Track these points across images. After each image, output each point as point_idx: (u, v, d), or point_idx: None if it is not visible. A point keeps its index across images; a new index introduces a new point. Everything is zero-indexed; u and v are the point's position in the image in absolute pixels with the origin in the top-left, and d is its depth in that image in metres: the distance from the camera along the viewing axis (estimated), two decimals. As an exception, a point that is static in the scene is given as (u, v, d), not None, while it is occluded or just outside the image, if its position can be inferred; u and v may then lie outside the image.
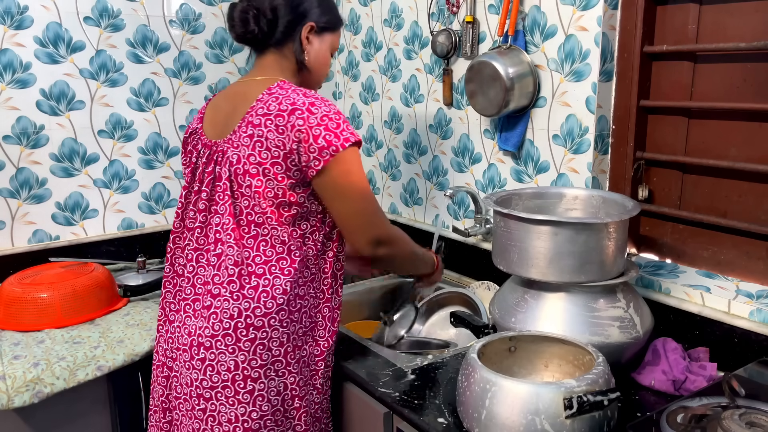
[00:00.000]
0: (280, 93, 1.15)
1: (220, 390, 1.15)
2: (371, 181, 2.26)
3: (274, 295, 1.15)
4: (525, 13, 1.59)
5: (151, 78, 1.94)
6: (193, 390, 1.17)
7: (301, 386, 1.20)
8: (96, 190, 1.90)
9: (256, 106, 1.15)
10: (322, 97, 1.16)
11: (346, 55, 2.29)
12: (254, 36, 1.22)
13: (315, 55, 1.27)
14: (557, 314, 1.19)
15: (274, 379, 1.17)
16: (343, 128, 1.12)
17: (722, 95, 1.34)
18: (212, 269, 1.18)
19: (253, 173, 1.14)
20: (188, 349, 1.17)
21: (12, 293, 1.53)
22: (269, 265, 1.16)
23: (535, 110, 1.61)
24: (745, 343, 1.23)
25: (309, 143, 1.10)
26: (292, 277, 1.17)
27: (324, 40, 1.28)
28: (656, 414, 0.99)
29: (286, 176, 1.13)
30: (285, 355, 1.17)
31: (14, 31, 1.71)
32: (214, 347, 1.14)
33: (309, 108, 1.12)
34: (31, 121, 1.77)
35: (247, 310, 1.14)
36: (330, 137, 1.11)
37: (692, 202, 1.43)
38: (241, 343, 1.14)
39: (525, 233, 1.19)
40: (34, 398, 1.27)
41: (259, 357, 1.15)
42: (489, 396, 0.98)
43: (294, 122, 1.11)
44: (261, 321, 1.15)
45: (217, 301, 1.16)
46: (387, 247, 1.21)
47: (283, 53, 1.25)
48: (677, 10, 1.38)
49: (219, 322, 1.14)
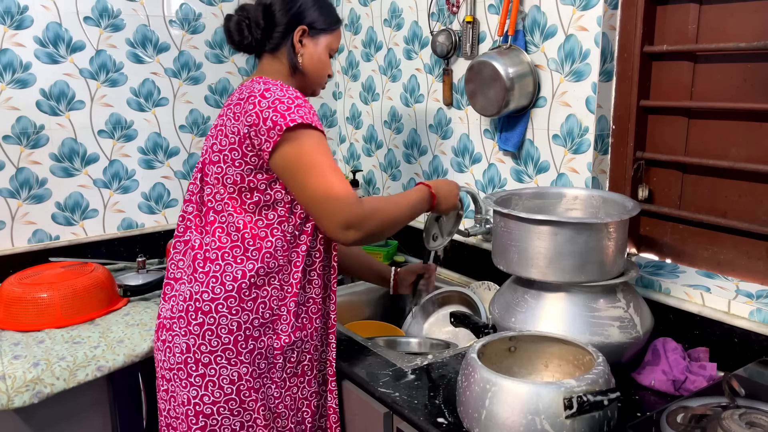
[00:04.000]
0: (246, 85, 1.19)
1: (176, 372, 1.20)
2: (371, 181, 2.26)
3: (224, 281, 1.17)
4: (525, 13, 1.59)
5: (151, 78, 1.94)
6: (158, 371, 1.26)
7: (255, 378, 1.20)
8: (96, 190, 1.90)
9: (227, 101, 1.23)
10: (285, 86, 1.18)
11: (346, 55, 2.29)
12: (250, 44, 1.26)
13: (309, 58, 1.28)
14: (557, 314, 1.19)
15: (226, 367, 1.18)
16: (293, 110, 1.12)
17: (722, 95, 1.34)
18: (179, 255, 1.26)
19: (214, 161, 1.19)
20: (156, 331, 1.26)
21: (12, 293, 1.53)
22: (222, 252, 1.19)
23: (535, 110, 1.61)
24: (745, 343, 1.23)
25: (258, 126, 1.13)
26: (245, 266, 1.18)
27: (319, 42, 1.29)
28: (656, 414, 0.99)
29: (243, 162, 1.16)
30: (235, 344, 1.18)
31: (14, 31, 1.71)
32: (171, 329, 1.21)
33: (263, 93, 1.14)
34: (31, 121, 1.77)
35: (197, 294, 1.18)
36: (276, 117, 1.12)
37: (692, 202, 1.43)
38: (191, 327, 1.18)
39: (525, 233, 1.19)
40: (34, 398, 1.27)
41: (208, 342, 1.18)
42: (489, 396, 0.98)
43: (247, 108, 1.14)
44: (208, 306, 1.17)
45: (178, 284, 1.24)
46: (359, 230, 1.14)
47: (278, 58, 1.27)
48: (677, 10, 1.38)
49: (176, 304, 1.21)
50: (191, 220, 1.25)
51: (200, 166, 1.26)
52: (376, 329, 1.69)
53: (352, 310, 1.81)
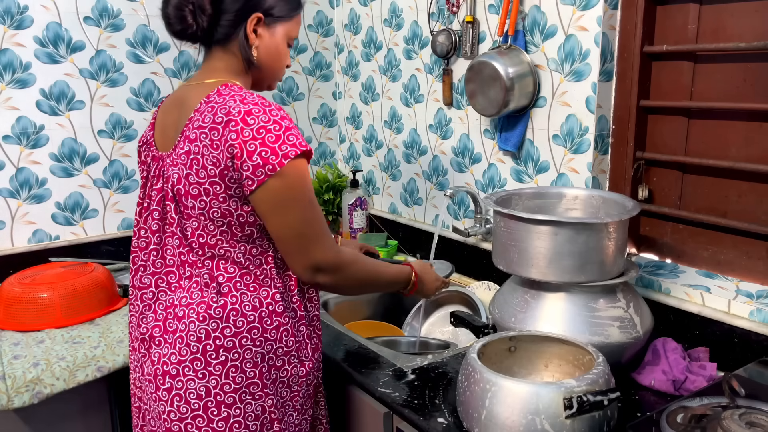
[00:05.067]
0: (217, 101, 1.02)
1: (190, 421, 1.05)
2: (371, 181, 2.26)
3: (244, 312, 1.06)
4: (525, 13, 1.59)
5: (151, 78, 1.94)
6: (162, 424, 1.07)
7: (279, 408, 1.11)
8: (96, 190, 1.90)
9: (193, 117, 1.04)
10: (265, 101, 1.03)
11: (346, 55, 2.29)
12: (194, 33, 1.09)
13: (266, 50, 1.12)
14: (557, 314, 1.19)
15: (251, 403, 1.07)
16: (283, 140, 0.99)
17: (722, 95, 1.34)
18: (175, 293, 1.09)
19: (194, 194, 1.03)
20: (153, 380, 1.08)
21: (12, 293, 1.53)
22: (234, 282, 1.07)
23: (535, 110, 1.61)
24: (745, 343, 1.23)
25: (242, 159, 0.98)
26: (259, 293, 1.08)
27: (276, 31, 1.13)
28: (656, 414, 0.99)
29: (227, 195, 1.02)
30: (260, 377, 1.08)
31: (14, 31, 1.71)
32: (182, 374, 1.05)
33: (244, 118, 0.99)
34: (31, 121, 1.77)
35: (216, 331, 1.05)
36: (266, 154, 0.98)
37: (692, 202, 1.43)
38: (211, 367, 1.05)
39: (525, 233, 1.19)
40: (33, 399, 1.27)
41: (233, 380, 1.05)
42: (489, 396, 0.98)
43: (227, 136, 0.99)
44: (231, 342, 1.05)
45: (182, 324, 1.06)
46: (330, 274, 1.08)
47: (230, 50, 1.11)
48: (677, 10, 1.38)
49: (186, 346, 1.05)
50: (176, 255, 1.09)
51: (171, 194, 1.07)
52: (376, 329, 1.69)
53: (352, 310, 1.81)
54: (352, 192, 2.17)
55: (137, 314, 1.14)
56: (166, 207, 1.09)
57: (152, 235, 1.11)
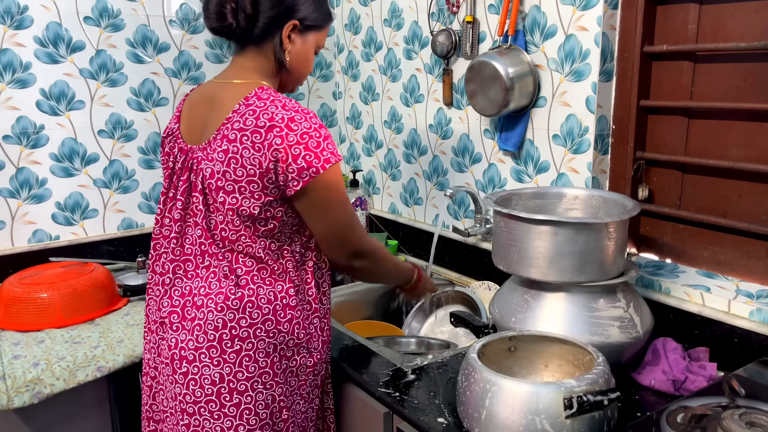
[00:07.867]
0: (258, 105, 1.08)
1: (204, 405, 1.11)
2: (371, 181, 2.26)
3: (260, 305, 1.12)
4: (525, 13, 1.59)
5: (151, 78, 1.94)
6: (177, 405, 1.13)
7: (288, 396, 1.17)
8: (96, 190, 1.90)
9: (232, 118, 1.09)
10: (303, 108, 1.09)
11: (346, 55, 2.29)
12: (231, 31, 1.13)
13: (297, 56, 1.18)
14: (557, 314, 1.19)
15: (262, 392, 1.13)
16: (323, 147, 1.07)
17: (722, 95, 1.34)
18: (192, 281, 1.14)
19: (228, 190, 1.09)
20: (170, 363, 1.13)
21: (12, 293, 1.53)
22: (251, 275, 1.13)
23: (535, 110, 1.61)
24: (745, 343, 1.23)
25: (287, 163, 1.05)
26: (274, 287, 1.14)
27: (308, 39, 1.19)
28: (656, 414, 0.99)
29: (263, 194, 1.08)
30: (272, 366, 1.13)
31: (14, 31, 1.71)
32: (198, 360, 1.10)
33: (288, 124, 1.05)
34: (31, 121, 1.77)
35: (233, 321, 1.10)
36: (310, 157, 1.05)
37: (692, 202, 1.43)
38: (226, 355, 1.10)
39: (525, 233, 1.19)
40: (33, 399, 1.27)
41: (246, 369, 1.11)
42: (489, 396, 0.98)
43: (272, 140, 1.05)
44: (246, 332, 1.11)
45: (200, 312, 1.11)
46: (364, 259, 1.21)
47: (263, 52, 1.16)
48: (677, 10, 1.38)
49: (203, 333, 1.10)
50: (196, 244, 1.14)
51: (200, 187, 1.12)
52: (376, 329, 1.69)
53: (352, 310, 1.81)
54: (352, 192, 2.17)
55: (156, 298, 1.20)
56: (192, 198, 1.15)
57: (174, 224, 1.17)
